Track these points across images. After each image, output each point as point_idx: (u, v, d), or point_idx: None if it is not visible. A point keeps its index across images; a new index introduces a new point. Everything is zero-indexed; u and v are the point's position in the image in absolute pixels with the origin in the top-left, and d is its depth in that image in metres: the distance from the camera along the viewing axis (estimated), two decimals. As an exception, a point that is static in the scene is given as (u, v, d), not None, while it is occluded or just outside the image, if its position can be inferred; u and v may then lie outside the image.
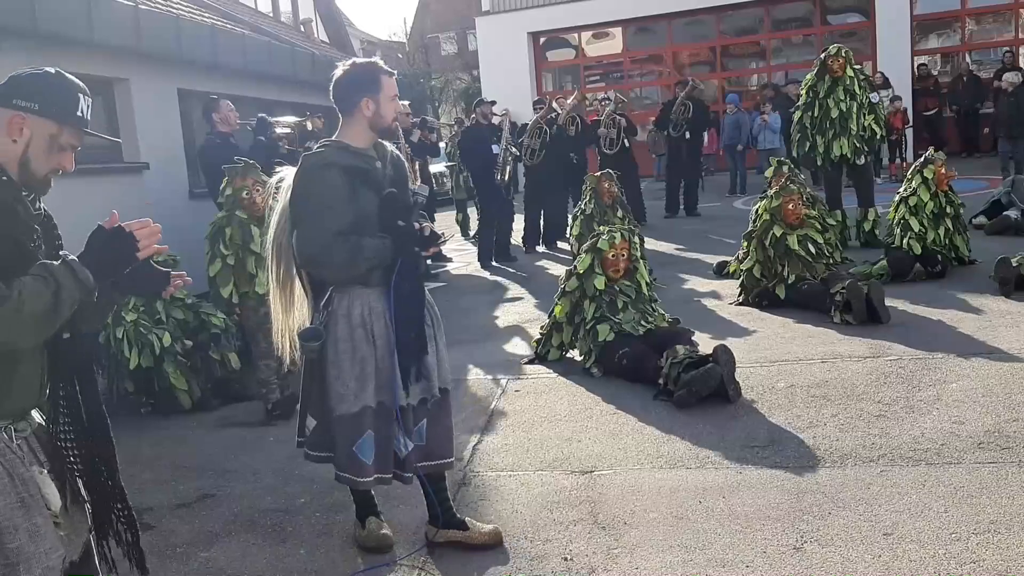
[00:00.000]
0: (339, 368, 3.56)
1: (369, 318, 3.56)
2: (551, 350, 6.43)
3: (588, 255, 6.23)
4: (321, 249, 3.42)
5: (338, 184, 3.44)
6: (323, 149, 3.56)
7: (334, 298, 3.57)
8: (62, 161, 2.29)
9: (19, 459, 2.21)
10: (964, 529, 3.47)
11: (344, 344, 3.55)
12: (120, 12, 7.75)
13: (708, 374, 5.15)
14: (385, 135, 3.64)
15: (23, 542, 2.17)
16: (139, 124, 8.34)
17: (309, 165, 3.51)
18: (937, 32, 19.53)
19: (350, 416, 3.56)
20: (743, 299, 7.52)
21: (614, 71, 22.02)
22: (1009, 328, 6.00)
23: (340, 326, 3.55)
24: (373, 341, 3.56)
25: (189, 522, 4.32)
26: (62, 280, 2.10)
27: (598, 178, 9.45)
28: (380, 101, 3.52)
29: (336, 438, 3.61)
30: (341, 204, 3.43)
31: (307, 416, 3.71)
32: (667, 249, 10.71)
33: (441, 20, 44.35)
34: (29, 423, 2.30)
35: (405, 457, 3.64)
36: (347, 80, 3.56)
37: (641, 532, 3.76)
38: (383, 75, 3.55)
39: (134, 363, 6.00)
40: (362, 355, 3.55)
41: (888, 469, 4.09)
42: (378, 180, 3.53)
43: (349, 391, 3.55)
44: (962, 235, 8.01)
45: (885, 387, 5.14)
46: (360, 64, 3.60)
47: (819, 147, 9.21)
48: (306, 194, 3.47)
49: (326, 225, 3.41)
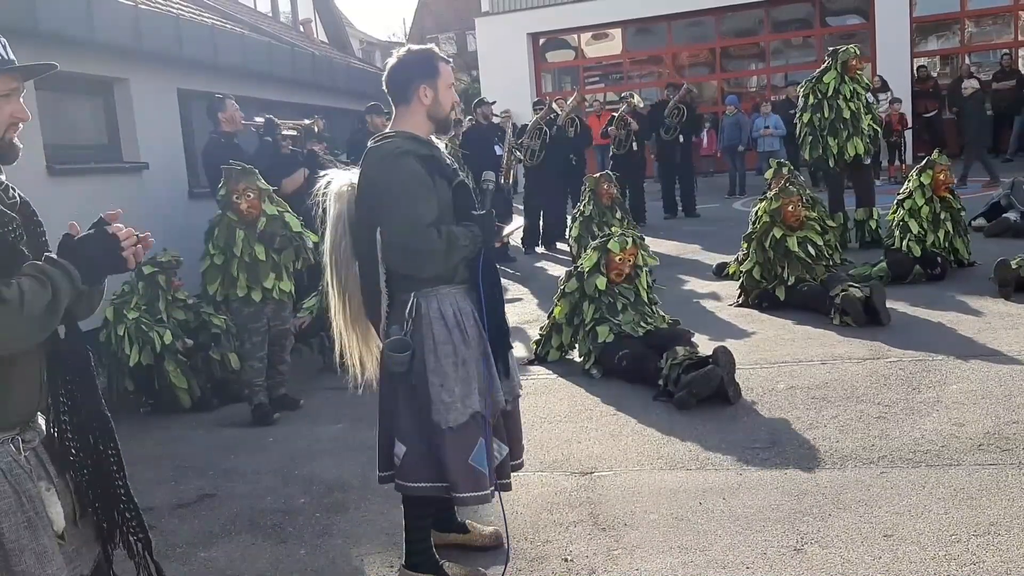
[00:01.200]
0: (442, 375, 3.25)
1: (462, 318, 3.30)
2: (551, 351, 6.43)
3: (595, 252, 6.20)
4: (417, 242, 3.16)
5: (419, 172, 3.20)
6: (393, 137, 3.29)
7: (420, 303, 3.28)
8: (12, 112, 2.15)
9: (26, 474, 2.14)
10: (964, 531, 3.47)
11: (445, 347, 3.25)
12: (120, 12, 7.73)
13: (708, 375, 5.15)
14: (443, 126, 3.41)
15: (30, 564, 2.11)
16: (139, 124, 8.33)
17: (384, 154, 3.24)
18: (936, 34, 19.54)
19: (460, 426, 3.25)
20: (743, 300, 7.53)
21: (613, 72, 22.02)
22: (1009, 330, 6.01)
23: (437, 329, 3.26)
24: (470, 342, 3.30)
25: (189, 522, 4.31)
26: (58, 282, 2.06)
27: (597, 179, 9.45)
28: (439, 88, 3.30)
29: (447, 455, 3.25)
30: (428, 193, 3.21)
31: (395, 443, 3.35)
32: (667, 250, 10.70)
33: (440, 21, 44.34)
34: (37, 432, 2.23)
35: (502, 461, 3.44)
36: (403, 67, 3.33)
37: (641, 533, 3.76)
38: (440, 61, 3.34)
39: (134, 360, 6.01)
40: (463, 358, 3.27)
41: (888, 470, 4.10)
42: (447, 169, 3.34)
43: (456, 398, 3.25)
44: (962, 238, 8.01)
45: (885, 389, 5.14)
46: (416, 50, 3.37)
47: (832, 148, 9.16)
48: (389, 184, 3.21)
49: (420, 214, 3.17)
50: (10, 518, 2.08)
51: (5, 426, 2.12)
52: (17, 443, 2.14)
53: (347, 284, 3.45)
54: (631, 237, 6.33)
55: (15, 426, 2.15)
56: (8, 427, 2.12)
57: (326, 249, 3.46)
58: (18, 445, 2.14)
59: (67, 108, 7.67)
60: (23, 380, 2.15)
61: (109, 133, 8.21)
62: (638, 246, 6.30)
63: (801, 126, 9.48)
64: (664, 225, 12.91)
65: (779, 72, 20.20)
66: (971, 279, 7.56)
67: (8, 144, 2.15)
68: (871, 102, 9.29)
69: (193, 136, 9.09)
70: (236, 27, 10.76)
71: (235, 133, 7.45)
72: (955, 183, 8.15)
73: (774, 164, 8.69)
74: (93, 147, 8.05)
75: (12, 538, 2.08)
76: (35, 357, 2.18)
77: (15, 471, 2.11)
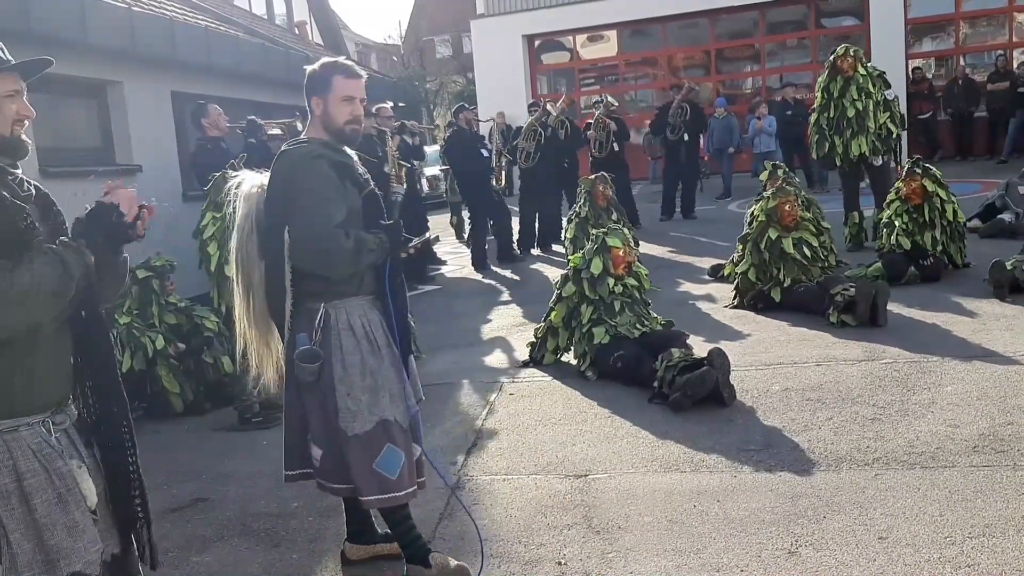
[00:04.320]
0: (349, 384, 3.35)
1: (370, 329, 3.41)
2: (546, 354, 6.41)
3: (598, 257, 6.16)
4: (325, 240, 3.24)
5: (331, 176, 3.32)
6: (307, 142, 3.42)
7: (329, 313, 3.37)
8: (18, 110, 2.28)
9: (57, 453, 2.26)
10: (959, 533, 3.47)
11: (352, 358, 3.36)
12: (114, 14, 7.72)
13: (703, 377, 5.14)
14: (337, 137, 3.44)
15: (62, 538, 2.21)
16: (132, 126, 8.32)
17: (299, 156, 3.36)
18: (931, 35, 19.56)
19: (366, 433, 3.36)
20: (738, 302, 7.52)
21: (609, 74, 22.01)
22: (1003, 331, 6.01)
23: (345, 340, 3.36)
24: (379, 352, 3.41)
25: (181, 526, 4.30)
26: (68, 260, 2.19)
27: (593, 181, 9.46)
28: (329, 101, 3.39)
29: (353, 461, 3.38)
30: (338, 196, 3.31)
31: (311, 446, 3.48)
32: (662, 252, 10.71)
33: (436, 23, 44.36)
34: (68, 415, 2.35)
35: (417, 462, 3.55)
36: (306, 80, 3.46)
37: (635, 536, 3.75)
38: (337, 75, 3.40)
39: (127, 366, 5.98)
40: (371, 368, 3.38)
41: (883, 473, 4.09)
42: (359, 178, 3.44)
43: (362, 407, 3.36)
44: (957, 243, 7.99)
45: (880, 390, 5.13)
46: (319, 63, 3.47)
47: (838, 147, 9.18)
48: (300, 186, 3.30)
49: (329, 216, 3.25)
50: (41, 495, 2.20)
51: (34, 409, 2.25)
52: (48, 425, 2.28)
53: (252, 284, 3.53)
54: (622, 230, 6.35)
55: (45, 409, 2.27)
56: (37, 410, 2.26)
57: (232, 248, 3.55)
58: (48, 427, 2.28)
59: (61, 111, 7.65)
60: (48, 366, 2.27)
61: (102, 136, 8.21)
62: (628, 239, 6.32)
63: (811, 126, 9.51)
64: (659, 227, 12.90)
65: (774, 74, 20.19)
66: (966, 280, 7.56)
67: (17, 140, 2.29)
68: (890, 99, 9.23)
69: (187, 138, 9.08)
70: (230, 29, 10.75)
71: (221, 137, 7.44)
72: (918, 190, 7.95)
73: (768, 166, 8.68)
74: (86, 150, 8.04)
75: (44, 513, 2.20)
76: (62, 343, 2.32)
77: (45, 451, 2.24)
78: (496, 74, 20.61)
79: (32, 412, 2.24)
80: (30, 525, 2.19)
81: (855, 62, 9.11)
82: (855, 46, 9.72)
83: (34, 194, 2.32)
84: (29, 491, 2.19)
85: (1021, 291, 6.81)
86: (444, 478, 4.11)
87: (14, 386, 2.20)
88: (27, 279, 2.11)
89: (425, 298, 9.61)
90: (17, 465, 2.19)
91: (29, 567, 2.18)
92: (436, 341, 7.42)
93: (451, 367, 6.71)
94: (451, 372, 6.56)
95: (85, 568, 2.24)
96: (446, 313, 8.85)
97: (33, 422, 2.24)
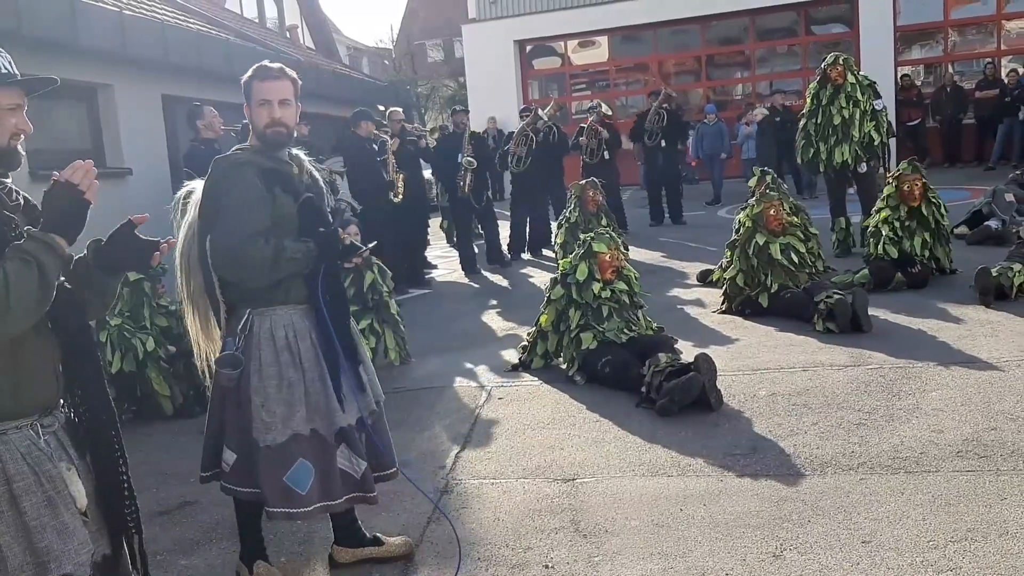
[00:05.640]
0: (264, 396, 3.33)
1: (294, 340, 3.37)
2: (535, 358, 6.44)
3: (584, 263, 6.19)
4: (239, 248, 3.22)
5: (255, 184, 3.29)
6: (239, 151, 3.44)
7: (253, 320, 3.36)
8: (16, 124, 2.29)
9: (46, 456, 2.26)
10: (942, 537, 3.50)
11: (269, 369, 3.33)
12: (105, 17, 7.73)
13: (690, 383, 5.17)
14: (262, 141, 3.40)
15: (52, 540, 2.22)
16: (123, 130, 8.33)
17: (224, 165, 3.37)
18: (920, 43, 19.68)
19: (277, 446, 3.33)
20: (726, 307, 7.56)
21: (600, 79, 22.07)
22: (988, 337, 6.06)
23: (264, 350, 3.34)
24: (300, 364, 3.36)
25: (169, 529, 4.30)
26: (41, 256, 2.15)
27: (583, 186, 9.50)
28: (251, 107, 3.39)
29: (262, 471, 3.35)
30: (259, 203, 3.28)
31: (224, 450, 3.46)
32: (650, 257, 10.75)
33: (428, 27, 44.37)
34: (56, 417, 2.35)
35: (363, 475, 3.50)
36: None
37: (622, 540, 3.77)
38: (253, 80, 3.39)
39: (116, 367, 5.98)
40: (289, 380, 3.34)
41: (867, 477, 4.12)
42: (295, 185, 3.40)
43: (276, 419, 3.33)
44: (944, 247, 8.06)
45: (865, 396, 5.17)
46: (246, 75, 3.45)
47: (822, 153, 9.28)
48: (220, 194, 3.30)
49: (244, 224, 3.24)
50: (30, 497, 2.21)
51: (21, 413, 2.25)
52: (36, 428, 2.28)
53: (194, 291, 3.54)
54: (608, 233, 6.38)
55: (32, 413, 2.28)
56: (24, 414, 2.26)
57: (176, 255, 3.55)
58: (37, 430, 2.28)
59: (51, 113, 7.65)
60: (33, 371, 2.27)
61: (93, 139, 8.20)
62: (616, 243, 6.34)
63: (799, 131, 9.59)
64: (648, 232, 12.95)
65: (764, 80, 20.29)
66: (952, 287, 7.61)
67: (12, 151, 2.30)
68: (878, 109, 9.31)
69: (177, 142, 9.09)
70: (221, 33, 10.76)
71: (215, 139, 7.43)
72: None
73: (757, 172, 8.73)
74: (77, 152, 8.03)
75: (33, 515, 2.20)
76: (47, 350, 2.31)
77: (34, 453, 2.24)
78: (487, 79, 20.66)
79: (19, 416, 2.25)
80: (20, 528, 2.19)
81: (844, 71, 9.18)
82: (845, 53, 9.80)
83: (23, 204, 2.32)
84: (18, 494, 2.19)
85: (1006, 298, 6.87)
86: (425, 493, 4.11)
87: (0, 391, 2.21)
88: (1, 286, 2.08)
89: (415, 302, 9.62)
90: (6, 468, 2.20)
91: (19, 570, 2.19)
92: (426, 345, 7.44)
93: (440, 370, 6.73)
94: (440, 375, 6.58)
95: (76, 570, 2.25)
96: (436, 317, 8.86)
97: (21, 425, 2.25)
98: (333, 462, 3.43)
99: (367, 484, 3.52)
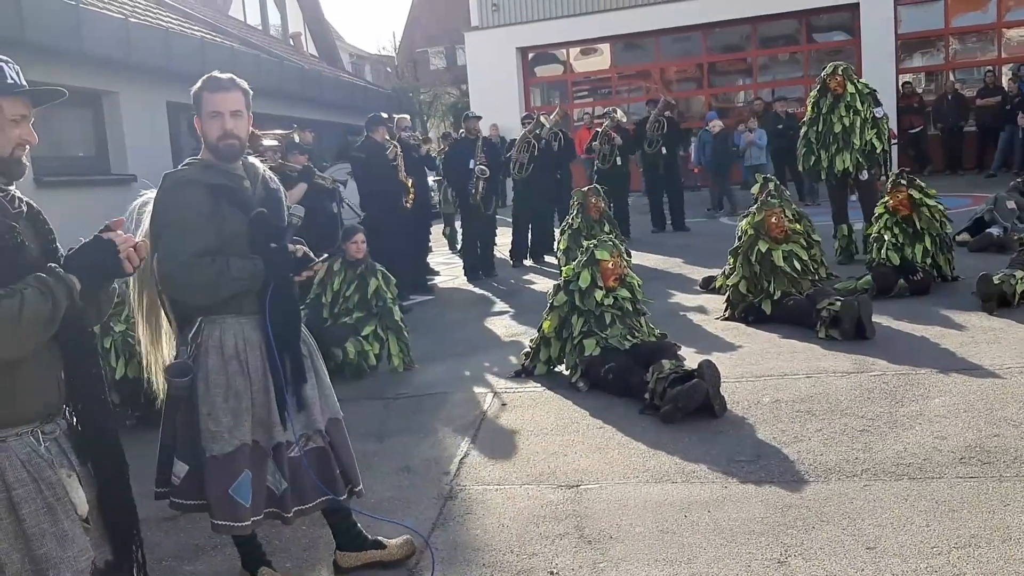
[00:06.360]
0: (211, 405, 3.31)
1: (244, 350, 3.35)
2: (538, 365, 6.44)
3: (587, 270, 6.21)
4: (180, 270, 3.23)
5: (199, 202, 3.25)
6: (187, 167, 3.40)
7: (204, 329, 3.34)
8: (20, 135, 2.30)
9: (46, 463, 2.26)
10: (945, 543, 3.51)
11: (217, 378, 3.31)
12: (110, 24, 7.76)
13: (693, 389, 5.18)
14: (215, 153, 3.36)
15: (51, 548, 2.22)
16: (127, 137, 8.35)
17: (169, 184, 3.33)
18: (921, 51, 19.72)
19: (224, 456, 3.30)
20: (729, 314, 7.57)
21: (602, 87, 22.13)
22: (991, 344, 6.06)
23: (212, 359, 3.32)
24: (248, 374, 3.34)
25: (174, 535, 4.31)
26: (58, 294, 2.19)
27: (586, 193, 9.51)
28: (202, 120, 3.35)
29: (208, 482, 3.32)
30: (202, 223, 3.25)
31: (175, 462, 3.41)
32: (653, 264, 10.76)
33: (430, 35, 44.45)
34: (58, 424, 2.35)
35: (282, 495, 3.45)
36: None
37: (626, 546, 3.78)
38: (203, 92, 3.35)
39: (120, 373, 5.99)
40: (237, 390, 3.32)
41: (871, 483, 4.13)
42: (246, 200, 3.35)
43: (223, 428, 3.30)
44: (946, 254, 8.07)
45: (869, 402, 5.18)
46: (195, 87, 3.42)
47: (823, 161, 9.32)
48: (164, 213, 3.29)
49: (185, 245, 3.22)
50: (29, 504, 2.20)
51: (21, 420, 2.25)
52: (37, 435, 2.28)
53: (146, 303, 3.52)
54: (610, 241, 6.39)
55: (32, 420, 2.27)
56: (24, 421, 2.26)
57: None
58: (38, 437, 2.28)
59: (56, 120, 7.67)
60: (33, 378, 2.27)
61: (97, 145, 8.22)
62: (619, 250, 6.36)
63: (800, 139, 9.63)
64: (651, 239, 12.96)
65: (766, 87, 20.32)
66: (955, 293, 7.62)
67: (16, 162, 2.31)
68: (879, 117, 9.34)
69: (181, 149, 9.12)
70: (225, 40, 10.79)
71: None
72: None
73: (759, 179, 8.75)
74: (81, 159, 8.05)
75: (32, 523, 2.20)
76: (48, 358, 2.31)
77: (34, 460, 2.24)
78: (490, 86, 20.71)
79: (19, 423, 2.25)
80: (19, 535, 2.19)
81: (844, 80, 9.21)
82: (846, 61, 9.85)
83: (25, 211, 2.32)
84: (17, 501, 2.19)
85: (1008, 304, 6.88)
86: (413, 530, 3.95)
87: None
88: (15, 311, 2.11)
89: (418, 308, 9.63)
90: (5, 476, 2.19)
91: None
92: (429, 351, 7.45)
93: (444, 377, 6.73)
94: (444, 382, 6.59)
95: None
96: (438, 323, 8.88)
97: (22, 432, 2.24)
98: (265, 476, 3.42)
99: (284, 503, 3.46)
